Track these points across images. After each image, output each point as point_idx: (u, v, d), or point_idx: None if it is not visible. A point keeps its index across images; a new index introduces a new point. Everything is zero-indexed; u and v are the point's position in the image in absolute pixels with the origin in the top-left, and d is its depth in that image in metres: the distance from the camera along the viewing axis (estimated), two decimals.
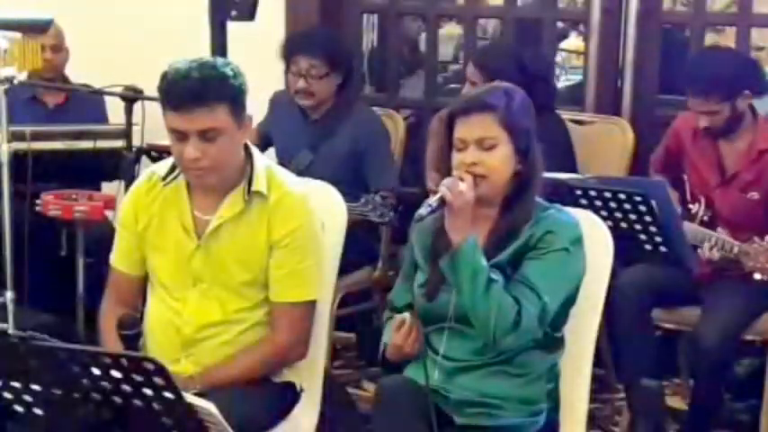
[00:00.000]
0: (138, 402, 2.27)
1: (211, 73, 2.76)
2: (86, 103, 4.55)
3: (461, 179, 2.73)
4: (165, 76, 2.79)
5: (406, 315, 2.80)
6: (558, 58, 6.37)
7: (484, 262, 2.71)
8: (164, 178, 2.95)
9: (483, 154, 2.76)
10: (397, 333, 2.79)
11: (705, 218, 3.82)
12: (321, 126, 4.29)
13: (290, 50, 4.27)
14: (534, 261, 2.76)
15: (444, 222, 2.75)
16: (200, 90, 2.73)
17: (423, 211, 2.70)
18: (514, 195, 2.81)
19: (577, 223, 2.83)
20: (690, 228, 3.73)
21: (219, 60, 2.86)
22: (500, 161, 2.77)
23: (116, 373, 2.23)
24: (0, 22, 3.73)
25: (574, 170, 3.92)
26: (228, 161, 2.84)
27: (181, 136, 2.77)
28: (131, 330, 2.61)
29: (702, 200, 3.85)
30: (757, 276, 3.41)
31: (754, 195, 3.79)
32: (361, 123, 4.27)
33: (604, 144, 4.30)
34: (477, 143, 2.77)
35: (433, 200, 2.71)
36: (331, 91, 4.26)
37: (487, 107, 2.78)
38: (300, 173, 3.44)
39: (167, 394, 2.24)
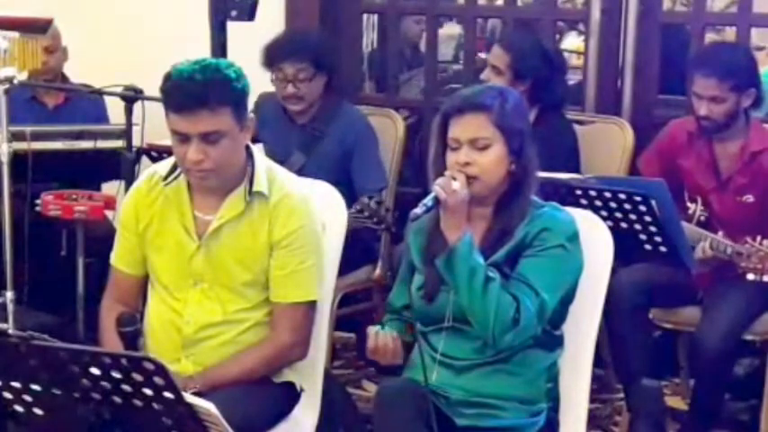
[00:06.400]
0: (138, 402, 2.27)
1: (215, 75, 2.76)
2: (86, 103, 4.55)
3: (454, 178, 2.73)
4: (168, 78, 2.78)
5: (377, 328, 2.81)
6: None
7: (480, 259, 2.72)
8: (164, 178, 2.95)
9: (476, 154, 2.76)
10: (374, 344, 2.80)
11: (702, 218, 3.82)
12: (310, 129, 4.24)
13: (274, 58, 4.19)
14: (531, 258, 2.76)
15: (439, 222, 2.76)
16: (203, 92, 2.72)
17: (418, 210, 2.70)
18: (509, 195, 2.82)
19: (573, 220, 2.83)
20: (686, 228, 3.73)
21: (223, 62, 2.85)
22: (493, 161, 2.78)
23: (116, 374, 2.23)
24: (0, 22, 3.73)
25: (577, 172, 3.91)
26: (230, 163, 2.84)
27: (183, 138, 2.77)
28: (130, 327, 2.61)
29: (699, 200, 3.85)
30: (750, 277, 3.42)
31: (749, 198, 3.79)
32: (347, 124, 4.24)
33: (604, 144, 4.29)
34: (471, 143, 2.77)
35: (427, 199, 2.71)
36: (319, 92, 4.22)
37: (481, 107, 2.78)
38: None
39: (167, 394, 2.24)
